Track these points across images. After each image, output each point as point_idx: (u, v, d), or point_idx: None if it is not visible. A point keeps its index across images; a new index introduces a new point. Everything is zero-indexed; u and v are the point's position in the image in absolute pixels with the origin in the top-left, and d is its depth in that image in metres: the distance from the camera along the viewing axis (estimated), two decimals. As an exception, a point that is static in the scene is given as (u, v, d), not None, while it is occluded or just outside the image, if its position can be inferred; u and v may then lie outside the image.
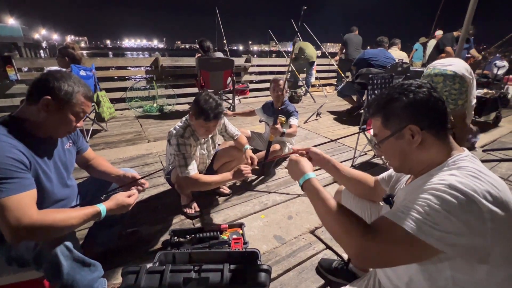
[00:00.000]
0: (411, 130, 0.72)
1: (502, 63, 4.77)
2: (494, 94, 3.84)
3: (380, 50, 4.25)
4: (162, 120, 3.96)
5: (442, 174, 0.65)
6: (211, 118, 1.51)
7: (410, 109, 0.72)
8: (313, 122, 4.03)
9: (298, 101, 5.44)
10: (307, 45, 6.02)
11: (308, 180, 0.83)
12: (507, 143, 3.29)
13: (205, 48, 4.13)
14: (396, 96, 0.74)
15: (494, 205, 0.58)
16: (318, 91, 6.79)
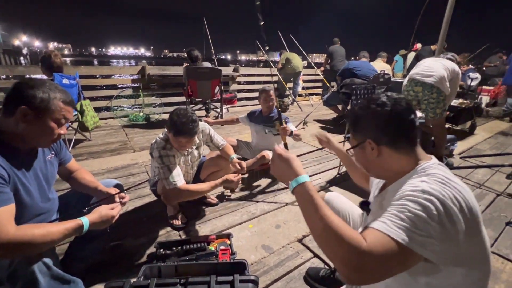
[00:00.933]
0: (370, 144, 0.78)
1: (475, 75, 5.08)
2: (469, 104, 4.06)
3: (363, 62, 4.44)
4: (148, 129, 3.91)
5: (413, 181, 0.68)
6: (180, 134, 1.49)
7: (370, 125, 0.79)
8: (300, 131, 4.04)
9: (285, 110, 5.52)
10: (293, 56, 6.18)
11: (302, 184, 0.71)
12: (482, 150, 3.46)
13: (193, 58, 4.15)
14: (361, 111, 0.81)
15: (461, 209, 0.61)
16: (305, 100, 6.92)
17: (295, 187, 0.72)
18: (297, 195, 0.72)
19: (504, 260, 1.55)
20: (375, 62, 4.90)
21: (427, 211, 0.59)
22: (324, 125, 4.55)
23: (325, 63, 6.66)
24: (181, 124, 1.47)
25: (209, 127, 1.85)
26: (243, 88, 6.18)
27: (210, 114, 4.83)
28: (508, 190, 2.39)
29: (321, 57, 39.38)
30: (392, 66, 6.97)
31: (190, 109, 1.58)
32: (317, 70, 7.12)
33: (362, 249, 0.56)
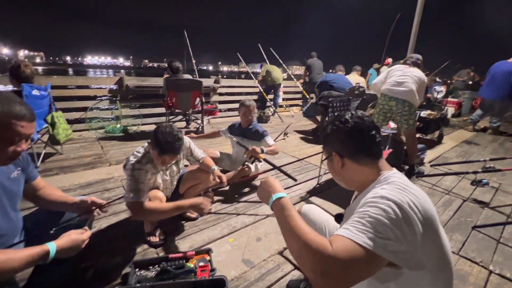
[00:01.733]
0: (336, 156, 0.87)
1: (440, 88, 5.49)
2: (436, 115, 4.35)
3: (339, 75, 4.65)
4: (126, 141, 3.78)
5: (375, 189, 0.74)
6: (166, 153, 1.47)
7: (333, 139, 0.88)
8: (281, 142, 4.14)
9: (267, 121, 5.60)
10: (273, 68, 6.34)
11: (279, 199, 0.78)
12: (449, 158, 3.70)
13: (174, 69, 4.13)
14: (328, 126, 0.90)
15: (418, 213, 0.66)
16: (285, 111, 7.07)
17: (273, 202, 0.80)
18: (275, 209, 0.79)
19: (471, 263, 1.64)
20: (350, 75, 5.15)
21: (386, 214, 0.63)
22: (304, 136, 4.65)
23: (304, 76, 6.90)
24: (167, 143, 1.45)
25: (190, 141, 1.84)
26: (225, 100, 6.21)
27: (191, 125, 4.78)
28: (473, 195, 2.56)
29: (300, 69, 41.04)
30: (367, 79, 7.35)
31: (174, 126, 1.55)
32: (296, 82, 7.34)
33: (327, 254, 0.59)
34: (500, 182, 2.90)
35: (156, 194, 1.61)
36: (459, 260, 1.66)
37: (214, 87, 5.62)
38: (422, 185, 2.76)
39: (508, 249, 1.80)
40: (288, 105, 7.15)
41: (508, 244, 1.84)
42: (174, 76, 4.10)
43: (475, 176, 2.51)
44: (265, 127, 5.11)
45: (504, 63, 4.81)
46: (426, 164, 3.36)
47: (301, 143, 4.19)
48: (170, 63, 4.15)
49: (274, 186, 0.85)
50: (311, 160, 3.26)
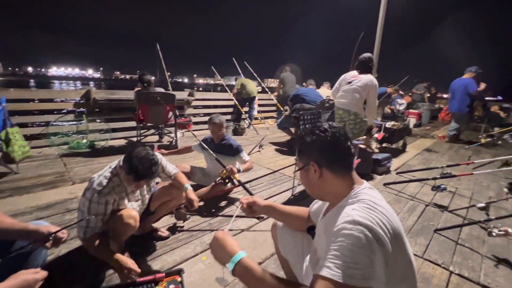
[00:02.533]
0: (313, 166, 0.86)
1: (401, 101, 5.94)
2: (399, 125, 4.68)
3: (310, 88, 4.86)
4: (93, 157, 3.57)
5: (347, 209, 0.76)
6: (142, 179, 1.41)
7: (312, 148, 0.87)
8: (256, 154, 4.16)
9: (242, 134, 5.62)
10: (248, 82, 6.45)
11: (239, 263, 0.76)
12: (412, 165, 3.97)
13: (145, 82, 4.03)
14: (306, 136, 0.90)
15: (387, 232, 0.70)
16: (260, 123, 7.16)
17: (233, 268, 0.77)
18: (238, 275, 0.77)
19: (434, 266, 1.74)
20: (320, 89, 5.39)
21: (360, 242, 0.67)
22: (278, 148, 4.72)
23: (278, 89, 7.09)
24: (144, 170, 1.39)
25: (161, 157, 1.78)
26: (199, 112, 6.15)
27: (164, 139, 4.65)
28: (434, 200, 2.75)
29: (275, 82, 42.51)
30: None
31: (149, 149, 1.48)
32: (271, 95, 7.51)
33: None
34: (456, 187, 3.15)
35: (130, 213, 1.52)
36: (423, 264, 1.76)
37: (188, 100, 5.55)
38: (389, 192, 2.91)
39: (465, 249, 1.94)
40: (263, 118, 7.28)
41: (465, 245, 1.99)
42: (146, 89, 4.00)
43: (435, 182, 2.71)
44: (241, 140, 5.24)
45: (460, 79, 5.44)
46: (392, 172, 3.56)
47: (276, 154, 4.25)
48: (141, 76, 4.06)
49: (229, 247, 0.81)
50: (285, 172, 3.31)
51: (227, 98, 6.46)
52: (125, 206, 1.54)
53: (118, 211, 1.49)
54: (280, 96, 7.01)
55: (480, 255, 1.87)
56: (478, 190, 3.11)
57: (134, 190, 1.59)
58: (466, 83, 5.27)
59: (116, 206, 1.50)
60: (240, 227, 2.07)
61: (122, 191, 1.52)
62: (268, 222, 2.09)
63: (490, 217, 2.02)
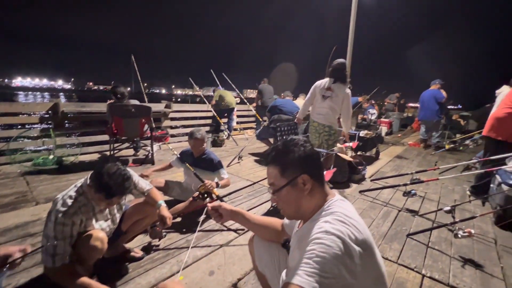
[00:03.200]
0: (303, 179, 0.85)
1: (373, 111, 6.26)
2: (372, 134, 4.91)
3: (287, 100, 4.98)
4: (60, 174, 3.34)
5: (320, 222, 0.78)
6: (114, 195, 1.35)
7: (301, 161, 0.86)
8: (235, 165, 4.16)
9: (221, 145, 5.58)
10: (226, 93, 6.48)
11: None
12: (385, 172, 4.15)
13: (119, 95, 3.90)
14: (292, 149, 0.88)
15: (357, 244, 0.72)
16: (240, 134, 7.18)
17: None
18: None
19: (408, 270, 1.81)
20: (297, 100, 5.55)
21: (331, 250, 0.68)
22: (258, 158, 4.74)
23: (257, 100, 7.19)
24: (116, 186, 1.32)
25: (133, 173, 1.70)
26: (177, 124, 6.05)
27: (139, 152, 4.49)
28: (406, 205, 2.89)
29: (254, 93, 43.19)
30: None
31: (119, 164, 1.41)
32: (249, 106, 7.59)
33: None
34: (425, 191, 3.34)
35: (96, 234, 1.43)
36: (398, 269, 1.82)
37: (165, 112, 5.44)
38: (364, 200, 3.00)
39: (435, 252, 2.04)
40: (242, 128, 7.30)
41: (435, 247, 2.09)
42: (120, 102, 3.87)
43: (406, 188, 2.84)
44: (220, 151, 5.20)
45: (428, 90, 5.93)
46: (367, 179, 3.70)
47: (255, 165, 4.25)
48: (114, 89, 3.92)
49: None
50: (265, 183, 3.32)
51: (205, 110, 6.42)
52: (92, 227, 1.45)
53: (84, 233, 1.39)
54: (259, 107, 7.10)
55: (448, 257, 1.98)
56: (445, 194, 3.32)
57: (102, 209, 1.50)
58: (434, 93, 5.77)
59: (83, 227, 1.41)
60: (218, 242, 2.02)
61: (89, 211, 1.43)
62: (246, 236, 2.07)
63: (455, 220, 2.15)
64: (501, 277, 1.78)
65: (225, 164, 4.07)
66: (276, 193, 0.89)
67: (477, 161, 3.19)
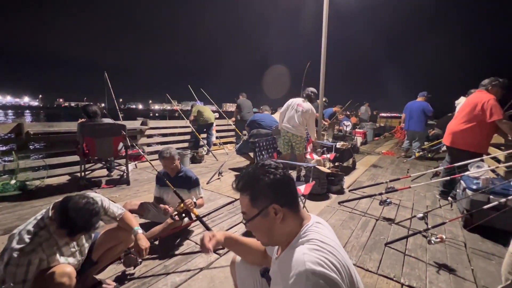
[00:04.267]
0: (274, 208, 0.83)
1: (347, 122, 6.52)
2: (347, 145, 5.10)
3: (266, 114, 5.05)
4: (23, 201, 3.08)
5: (298, 252, 0.77)
6: (80, 232, 1.26)
7: (271, 189, 0.84)
8: (215, 182, 4.09)
9: (201, 161, 5.49)
10: (204, 109, 6.46)
11: None
12: (362, 182, 4.29)
13: (90, 114, 3.73)
14: (261, 177, 0.85)
15: (339, 272, 0.72)
16: (220, 149, 7.11)
17: None
18: None
19: (388, 280, 1.84)
20: (276, 114, 5.64)
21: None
22: (238, 173, 4.67)
23: (236, 114, 7.25)
24: (82, 223, 1.22)
25: (102, 198, 1.61)
26: (155, 142, 5.89)
27: (113, 173, 4.28)
28: (383, 214, 2.98)
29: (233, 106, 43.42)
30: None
31: (89, 196, 1.31)
32: (229, 121, 7.60)
33: None
34: (400, 199, 3.48)
35: (63, 270, 1.30)
36: (378, 279, 1.85)
37: (141, 130, 5.29)
38: (344, 210, 3.06)
39: (412, 260, 2.10)
40: (222, 143, 7.25)
41: (411, 255, 2.16)
42: (91, 121, 3.71)
43: (381, 197, 2.95)
44: (200, 167, 5.10)
45: (415, 102, 6.13)
46: (345, 190, 3.79)
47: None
48: (85, 108, 3.75)
49: None
50: (246, 199, 3.28)
51: (184, 126, 6.33)
52: (57, 262, 1.33)
53: (48, 269, 1.27)
54: (238, 121, 7.14)
55: (424, 263, 2.05)
56: (418, 200, 3.48)
57: (68, 241, 1.39)
58: (423, 106, 5.97)
59: (46, 264, 1.29)
60: (198, 265, 1.94)
61: (52, 246, 1.31)
62: (228, 257, 2.01)
63: (428, 226, 2.24)
64: (473, 280, 1.87)
65: (205, 181, 4.01)
66: (248, 222, 0.87)
67: (443, 167, 3.40)
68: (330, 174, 3.68)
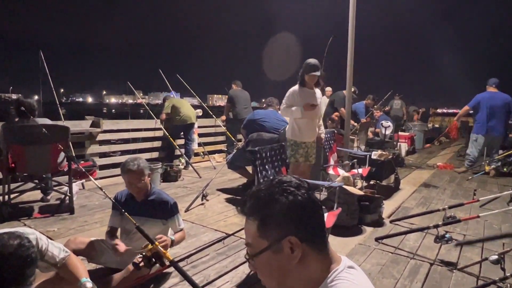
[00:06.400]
0: (291, 243, 0.80)
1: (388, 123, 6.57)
2: (388, 155, 5.13)
3: (270, 111, 5.09)
4: None
5: None
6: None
7: (289, 215, 0.82)
8: (198, 208, 4.09)
9: (176, 179, 5.50)
10: (182, 103, 6.51)
11: None
12: (409, 208, 4.30)
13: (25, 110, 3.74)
14: (277, 197, 0.82)
15: None
16: (203, 161, 7.14)
17: None
18: None
19: None
20: (284, 111, 5.69)
21: None
22: (230, 196, 4.70)
23: (227, 111, 7.28)
24: (11, 276, 1.19)
25: (38, 235, 1.60)
26: (111, 151, 5.93)
27: (51, 196, 4.27)
28: (440, 256, 2.98)
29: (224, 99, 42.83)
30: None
31: (20, 235, 1.28)
32: (217, 120, 7.64)
33: None
34: (464, 233, 3.48)
35: None
36: None
37: (91, 133, 5.32)
38: (383, 250, 3.06)
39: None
40: (207, 153, 7.27)
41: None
42: (22, 122, 3.73)
43: (437, 230, 2.95)
44: (175, 188, 5.14)
45: (496, 93, 6.12)
46: (385, 220, 3.80)
47: (227, 208, 4.20)
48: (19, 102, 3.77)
49: None
50: (242, 234, 3.27)
51: (152, 128, 6.37)
52: None
53: None
54: (230, 121, 7.18)
55: (501, 328, 2.04)
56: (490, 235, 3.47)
57: None
58: (508, 100, 6.00)
59: None
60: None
61: None
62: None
63: (505, 274, 2.24)
64: None
65: (183, 207, 4.01)
66: (252, 258, 0.88)
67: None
68: (363, 197, 3.69)
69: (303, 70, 3.84)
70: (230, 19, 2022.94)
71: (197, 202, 4.24)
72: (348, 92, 5.24)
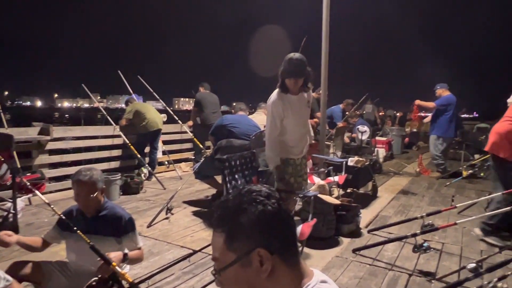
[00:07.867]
0: (260, 256, 0.81)
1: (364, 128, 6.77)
2: (365, 161, 5.26)
3: (241, 116, 5.11)
4: None
5: None
6: None
7: (258, 227, 0.83)
8: (162, 223, 4.02)
9: (138, 191, 5.40)
10: (147, 108, 6.44)
11: None
12: (387, 217, 4.43)
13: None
14: (245, 207, 0.84)
15: None
16: (168, 171, 7.06)
17: None
18: None
19: None
20: (255, 115, 5.72)
21: None
22: (198, 209, 4.67)
23: (194, 116, 7.25)
24: None
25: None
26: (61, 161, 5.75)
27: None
28: (418, 265, 3.08)
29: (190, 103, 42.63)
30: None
31: None
32: (183, 125, 7.56)
33: None
34: (442, 242, 3.62)
35: None
36: None
37: (39, 142, 5.14)
38: (361, 262, 3.13)
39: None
40: (172, 162, 7.18)
41: (462, 327, 2.24)
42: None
43: (416, 239, 3.05)
44: (136, 201, 5.05)
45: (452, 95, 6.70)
46: (363, 230, 3.88)
47: (195, 222, 4.16)
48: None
49: None
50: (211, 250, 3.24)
51: (111, 135, 6.23)
52: None
53: None
54: (198, 127, 7.13)
55: None
56: (468, 243, 3.64)
57: None
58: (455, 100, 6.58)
59: None
60: None
61: None
62: None
63: (483, 282, 2.35)
64: None
65: (145, 223, 3.95)
66: (219, 273, 0.87)
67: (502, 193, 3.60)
68: (339, 206, 3.76)
69: (283, 70, 3.12)
70: (198, 15, 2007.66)
71: (161, 216, 4.17)
72: (323, 95, 5.36)
